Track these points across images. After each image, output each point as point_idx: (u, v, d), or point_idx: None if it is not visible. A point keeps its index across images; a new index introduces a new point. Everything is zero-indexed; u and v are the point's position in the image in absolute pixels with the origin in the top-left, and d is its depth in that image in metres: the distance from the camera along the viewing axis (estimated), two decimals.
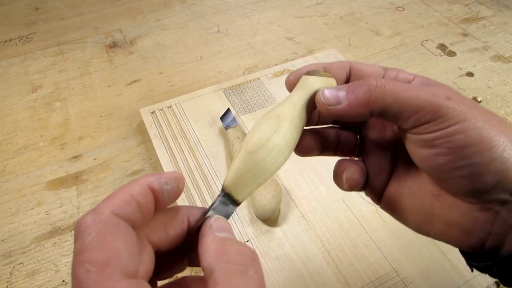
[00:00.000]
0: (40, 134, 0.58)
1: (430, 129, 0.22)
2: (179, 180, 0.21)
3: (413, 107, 0.22)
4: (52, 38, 0.75)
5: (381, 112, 0.23)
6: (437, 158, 0.22)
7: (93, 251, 0.16)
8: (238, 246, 0.19)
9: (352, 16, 0.81)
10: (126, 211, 0.18)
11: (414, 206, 0.25)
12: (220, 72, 0.68)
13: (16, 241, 0.46)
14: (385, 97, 0.22)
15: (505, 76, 0.68)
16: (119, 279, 0.16)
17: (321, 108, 0.24)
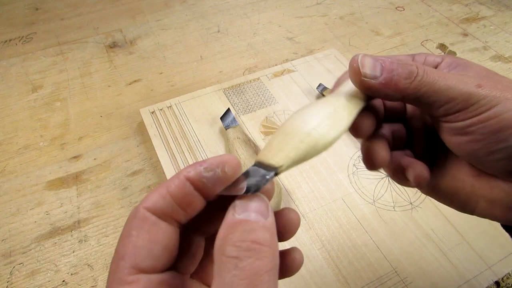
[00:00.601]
0: (40, 134, 0.58)
1: (461, 117, 0.22)
2: (224, 164, 0.20)
3: (445, 97, 0.22)
4: (52, 38, 0.75)
5: (414, 100, 0.23)
6: (471, 144, 0.22)
7: (119, 243, 0.18)
8: (242, 231, 0.18)
9: (352, 16, 0.81)
10: (159, 206, 0.19)
11: (455, 187, 0.25)
12: (220, 72, 0.68)
13: (16, 241, 0.46)
14: (421, 87, 0.22)
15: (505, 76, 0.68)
16: (128, 273, 0.17)
17: (354, 77, 0.23)
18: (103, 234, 0.47)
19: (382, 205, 0.48)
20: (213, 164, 0.19)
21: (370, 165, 0.26)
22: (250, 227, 0.18)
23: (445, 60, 0.25)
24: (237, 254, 0.17)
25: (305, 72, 0.65)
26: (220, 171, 0.19)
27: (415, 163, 0.26)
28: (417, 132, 0.28)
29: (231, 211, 0.18)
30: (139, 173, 0.53)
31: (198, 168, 0.19)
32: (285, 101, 0.60)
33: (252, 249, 0.17)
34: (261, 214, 0.18)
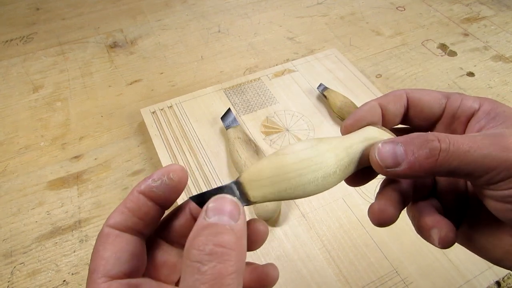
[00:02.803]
0: (41, 134, 0.58)
1: (505, 186, 0.20)
2: (169, 172, 0.21)
3: (483, 168, 0.20)
4: (53, 38, 0.75)
5: (448, 174, 0.21)
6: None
7: (90, 261, 0.20)
8: (207, 234, 0.18)
9: (353, 16, 0.81)
10: (120, 221, 0.21)
11: (492, 244, 0.24)
12: (221, 72, 0.68)
13: (17, 241, 0.46)
14: (451, 161, 0.20)
15: (506, 76, 0.68)
16: (101, 281, 0.19)
17: (378, 170, 0.22)
18: None
19: None
20: (159, 174, 0.21)
21: (376, 222, 0.24)
22: (216, 230, 0.18)
23: (482, 107, 0.23)
24: (200, 258, 0.17)
25: (306, 72, 0.65)
26: (166, 179, 0.21)
27: (441, 223, 0.23)
28: (445, 181, 0.26)
29: (202, 214, 0.19)
30: (139, 173, 0.53)
31: (146, 181, 0.21)
32: (285, 101, 0.60)
33: (214, 253, 0.17)
34: (231, 217, 0.19)
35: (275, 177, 0.21)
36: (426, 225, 0.24)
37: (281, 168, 0.21)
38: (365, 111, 0.25)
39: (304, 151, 0.21)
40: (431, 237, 0.23)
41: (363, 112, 0.25)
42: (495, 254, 0.24)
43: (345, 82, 0.63)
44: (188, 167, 0.51)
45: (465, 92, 0.65)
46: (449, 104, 0.25)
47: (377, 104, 0.25)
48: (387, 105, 0.25)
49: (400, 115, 0.26)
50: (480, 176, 0.20)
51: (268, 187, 0.21)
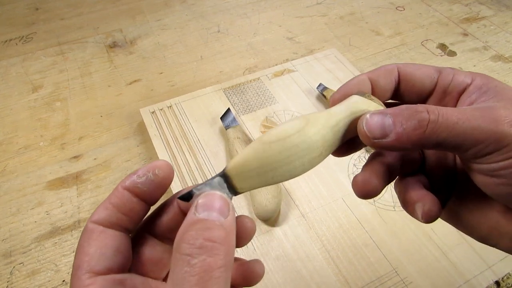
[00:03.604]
0: (41, 134, 0.58)
1: (494, 159, 0.20)
2: (154, 168, 0.21)
3: (472, 140, 0.19)
4: (52, 38, 0.75)
5: (436, 146, 0.20)
6: (505, 188, 0.20)
7: (74, 257, 0.20)
8: (197, 229, 0.18)
9: (352, 16, 0.81)
10: (104, 216, 0.20)
11: (478, 221, 0.24)
12: (220, 72, 0.68)
13: (16, 241, 0.46)
14: (439, 132, 0.20)
15: (505, 76, 0.68)
16: (86, 277, 0.19)
17: (365, 141, 0.22)
18: None
19: (382, 205, 0.48)
20: (144, 170, 0.21)
21: (359, 193, 0.23)
22: (206, 225, 0.19)
23: (474, 81, 0.23)
24: (190, 251, 0.18)
25: (305, 72, 0.65)
26: (151, 175, 0.21)
27: (425, 198, 0.23)
28: (433, 157, 0.26)
29: (192, 210, 0.20)
30: None
31: (131, 177, 0.21)
32: (285, 101, 0.60)
33: (204, 247, 0.18)
34: (221, 213, 0.19)
35: (262, 168, 0.21)
36: (410, 200, 0.24)
37: (267, 158, 0.21)
38: (354, 85, 0.25)
39: (291, 137, 0.21)
40: (415, 212, 0.23)
41: (352, 86, 0.25)
42: (481, 231, 0.24)
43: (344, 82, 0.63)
44: (187, 167, 0.51)
45: None
46: (440, 79, 0.24)
47: (367, 78, 0.25)
48: (377, 79, 0.25)
49: (390, 90, 0.25)
50: (468, 149, 0.20)
51: (255, 178, 0.21)
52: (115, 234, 0.21)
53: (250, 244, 0.45)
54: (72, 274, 0.19)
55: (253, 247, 0.44)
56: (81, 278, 0.19)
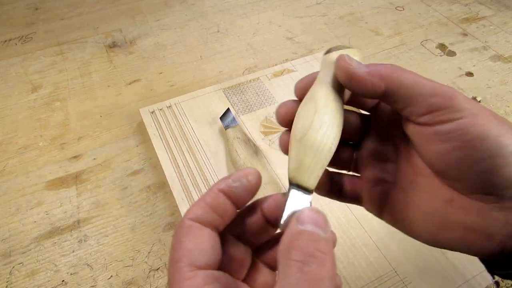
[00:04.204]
0: (40, 134, 0.58)
1: (445, 118, 0.21)
2: (247, 175, 0.23)
3: (429, 91, 0.22)
4: (52, 38, 0.75)
5: (396, 90, 0.22)
6: (454, 153, 0.21)
7: (172, 251, 0.21)
8: (307, 239, 0.19)
9: (352, 16, 0.81)
10: (200, 215, 0.22)
11: (425, 215, 0.24)
12: (220, 72, 0.68)
13: (16, 241, 0.46)
14: (403, 77, 0.22)
15: (504, 76, 0.68)
16: (187, 270, 0.20)
17: (342, 69, 0.23)
18: (103, 234, 0.47)
19: None
20: (238, 175, 0.23)
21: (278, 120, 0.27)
22: (314, 237, 0.20)
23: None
24: (302, 258, 0.19)
25: (305, 72, 0.65)
26: (245, 181, 0.23)
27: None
28: (368, 155, 0.27)
29: (293, 221, 0.21)
30: (138, 173, 0.53)
31: (227, 181, 0.23)
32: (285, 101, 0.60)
33: (317, 256, 0.19)
34: (321, 228, 0.20)
35: (314, 158, 0.23)
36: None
37: (311, 148, 0.23)
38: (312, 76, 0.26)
39: (313, 121, 0.23)
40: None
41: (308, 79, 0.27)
42: (428, 228, 0.24)
43: None
44: (187, 167, 0.51)
45: (464, 93, 0.65)
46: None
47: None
48: None
49: None
50: (423, 100, 0.22)
51: (316, 168, 0.23)
52: (210, 232, 0.22)
53: None
54: (171, 267, 0.20)
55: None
56: (182, 270, 0.20)
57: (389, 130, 0.27)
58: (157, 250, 0.46)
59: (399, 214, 0.25)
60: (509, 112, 0.62)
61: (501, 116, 0.22)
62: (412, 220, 0.24)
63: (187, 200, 0.48)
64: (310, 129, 0.23)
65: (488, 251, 0.21)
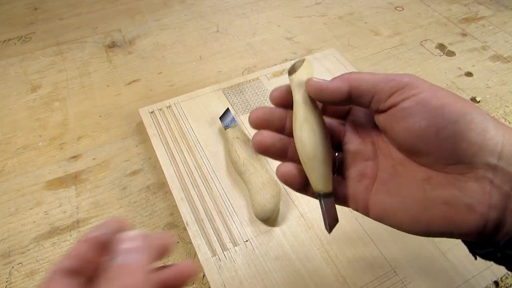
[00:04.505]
0: (39, 134, 0.58)
1: (406, 95, 0.23)
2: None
3: (386, 78, 0.24)
4: (51, 38, 0.75)
5: (358, 86, 0.25)
6: (420, 124, 0.23)
7: None
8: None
9: (351, 16, 0.81)
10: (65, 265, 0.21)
11: (406, 198, 0.24)
12: (219, 72, 0.68)
13: (15, 241, 0.46)
14: (361, 76, 0.25)
15: (504, 76, 0.68)
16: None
17: (312, 89, 0.26)
18: None
19: None
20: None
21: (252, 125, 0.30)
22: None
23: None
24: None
25: None
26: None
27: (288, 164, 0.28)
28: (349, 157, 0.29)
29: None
30: (138, 173, 0.53)
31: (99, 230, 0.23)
32: None
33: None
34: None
35: (326, 170, 0.27)
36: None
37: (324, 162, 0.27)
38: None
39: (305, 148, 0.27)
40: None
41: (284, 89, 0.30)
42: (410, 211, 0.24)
43: None
44: (186, 167, 0.51)
45: (463, 93, 0.65)
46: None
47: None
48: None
49: None
50: (383, 88, 0.24)
51: (330, 177, 0.27)
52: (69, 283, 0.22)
53: (249, 244, 0.45)
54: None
55: (252, 247, 0.44)
56: None
57: (365, 131, 0.28)
58: None
59: (383, 205, 0.26)
60: (509, 112, 0.62)
61: (455, 94, 0.24)
62: (396, 208, 0.25)
63: (187, 200, 0.48)
64: (316, 148, 0.26)
65: (472, 225, 0.22)
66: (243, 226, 0.46)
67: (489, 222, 0.21)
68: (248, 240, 0.45)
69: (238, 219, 0.47)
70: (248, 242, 0.45)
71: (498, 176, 0.21)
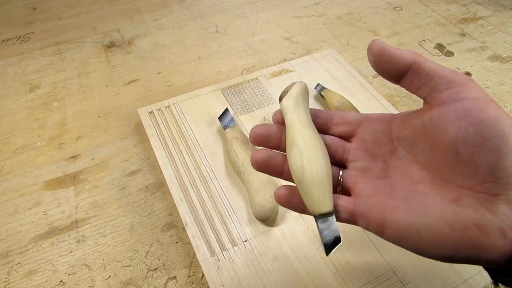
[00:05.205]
0: (38, 134, 0.58)
1: (463, 95, 0.23)
2: None
3: (449, 71, 0.24)
4: (50, 37, 0.75)
5: (422, 64, 0.24)
6: (470, 129, 0.22)
7: None
8: None
9: (350, 16, 0.81)
10: None
11: (433, 218, 0.23)
12: (218, 72, 0.68)
13: (13, 241, 0.46)
14: (425, 59, 0.25)
15: (502, 76, 0.68)
16: None
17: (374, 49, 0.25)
18: (101, 234, 0.47)
19: None
20: None
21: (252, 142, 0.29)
22: None
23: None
24: None
25: (303, 72, 0.65)
26: None
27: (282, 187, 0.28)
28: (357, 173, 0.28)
29: None
30: (137, 173, 0.53)
31: None
32: None
33: None
34: None
35: (318, 187, 0.26)
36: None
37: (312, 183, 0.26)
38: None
39: (303, 161, 0.26)
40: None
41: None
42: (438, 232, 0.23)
43: (342, 82, 0.63)
44: (185, 167, 0.51)
45: None
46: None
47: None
48: None
49: None
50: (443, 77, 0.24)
51: (322, 192, 0.26)
52: None
53: (248, 244, 0.45)
54: None
55: (251, 247, 0.44)
56: None
57: (375, 150, 0.28)
58: (155, 250, 0.46)
59: (405, 224, 0.23)
60: (508, 112, 0.62)
61: None
62: (420, 228, 0.23)
63: (186, 200, 0.48)
64: (304, 170, 0.26)
65: (502, 250, 0.20)
66: (242, 226, 0.46)
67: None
68: (247, 240, 0.45)
69: (237, 219, 0.47)
70: (247, 242, 0.45)
71: None
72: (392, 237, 0.24)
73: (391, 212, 0.24)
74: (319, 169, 0.26)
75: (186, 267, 0.44)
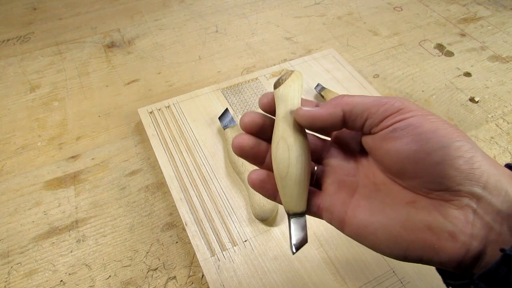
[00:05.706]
0: (38, 134, 0.58)
1: (398, 118, 0.23)
2: None
3: (379, 102, 0.24)
4: (50, 38, 0.75)
5: (352, 109, 0.25)
6: (410, 146, 0.22)
7: None
8: None
9: (350, 16, 0.81)
10: None
11: (389, 217, 0.24)
12: (218, 72, 0.68)
13: (14, 241, 0.46)
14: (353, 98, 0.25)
15: (502, 76, 0.68)
16: None
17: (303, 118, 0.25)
18: (101, 234, 0.47)
19: None
20: None
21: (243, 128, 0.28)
22: None
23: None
24: None
25: (303, 72, 0.65)
26: None
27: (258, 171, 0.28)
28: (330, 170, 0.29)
29: None
30: (137, 173, 0.53)
31: None
32: None
33: None
34: None
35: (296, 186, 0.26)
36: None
37: (294, 181, 0.26)
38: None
39: (290, 157, 0.26)
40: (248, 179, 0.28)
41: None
42: (392, 232, 0.24)
43: (342, 82, 0.63)
44: (185, 167, 0.51)
45: (462, 93, 0.65)
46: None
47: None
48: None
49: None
50: (376, 111, 0.24)
51: (304, 197, 0.26)
52: None
53: (248, 244, 0.45)
54: None
55: (251, 247, 0.45)
56: None
57: (349, 150, 0.28)
58: (155, 250, 0.46)
59: (363, 222, 0.25)
60: (507, 112, 0.62)
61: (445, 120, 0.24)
62: (376, 227, 0.24)
63: (186, 200, 0.48)
64: (289, 167, 0.25)
65: (453, 254, 0.21)
66: (242, 226, 0.46)
67: (470, 252, 0.21)
68: (247, 240, 0.45)
69: (237, 219, 0.47)
70: (247, 242, 0.45)
71: (481, 206, 0.21)
72: (351, 234, 0.26)
73: (353, 210, 0.25)
74: (305, 169, 0.26)
75: (186, 267, 0.44)
